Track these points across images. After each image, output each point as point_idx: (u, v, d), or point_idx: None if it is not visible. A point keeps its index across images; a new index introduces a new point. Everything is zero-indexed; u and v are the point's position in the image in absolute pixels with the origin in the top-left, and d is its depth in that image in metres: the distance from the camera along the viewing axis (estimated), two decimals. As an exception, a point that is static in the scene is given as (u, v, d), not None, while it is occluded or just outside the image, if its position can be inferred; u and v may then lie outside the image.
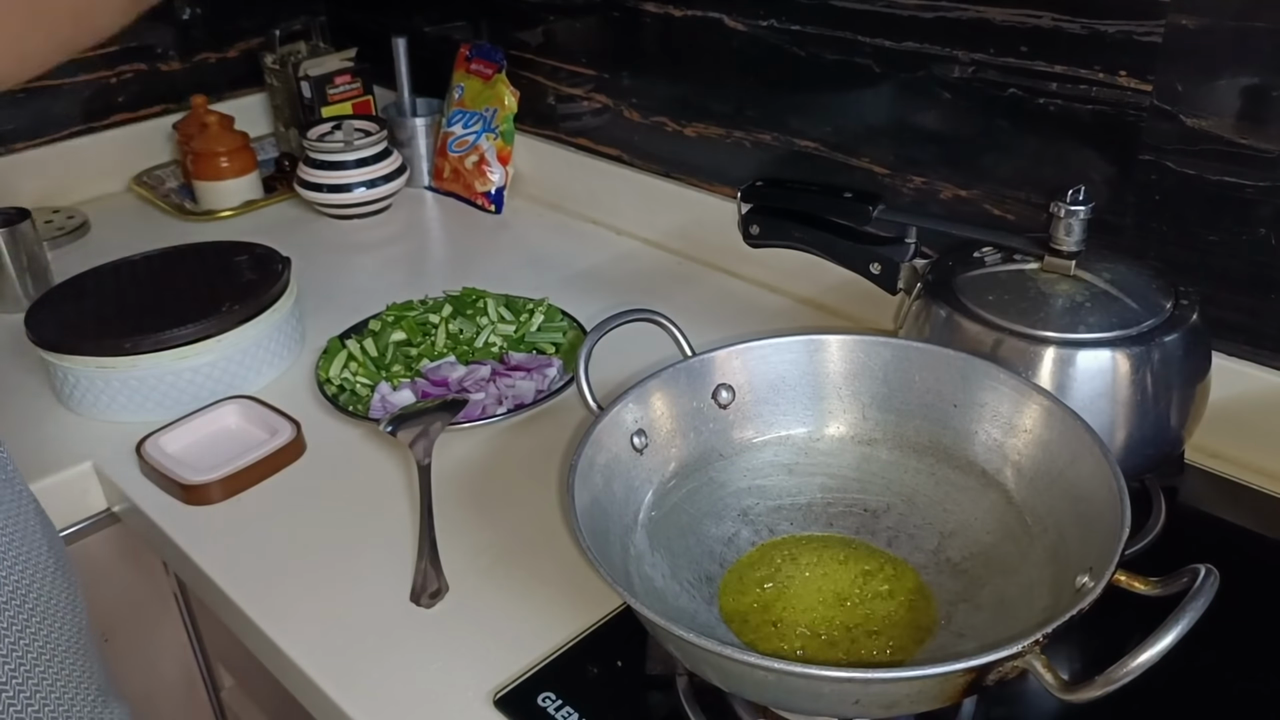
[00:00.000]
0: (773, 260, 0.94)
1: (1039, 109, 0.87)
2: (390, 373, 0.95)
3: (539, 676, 0.65)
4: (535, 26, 1.29)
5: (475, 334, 1.00)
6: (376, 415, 0.89)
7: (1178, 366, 0.72)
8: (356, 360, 0.97)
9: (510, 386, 0.93)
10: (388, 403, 0.91)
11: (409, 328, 1.00)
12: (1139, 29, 0.79)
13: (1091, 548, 0.57)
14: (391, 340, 0.98)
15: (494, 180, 1.32)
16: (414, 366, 0.96)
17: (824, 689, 0.52)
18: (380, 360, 0.97)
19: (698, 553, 0.68)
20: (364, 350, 0.98)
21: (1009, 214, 0.93)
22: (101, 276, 1.04)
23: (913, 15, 0.92)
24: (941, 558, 0.67)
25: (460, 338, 1.00)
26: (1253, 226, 0.78)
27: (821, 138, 1.04)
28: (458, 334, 1.00)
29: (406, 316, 1.01)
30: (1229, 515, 0.79)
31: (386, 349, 0.98)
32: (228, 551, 0.78)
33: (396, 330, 0.99)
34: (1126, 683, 0.48)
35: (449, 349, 0.98)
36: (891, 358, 0.73)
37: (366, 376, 0.95)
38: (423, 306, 1.03)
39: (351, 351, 0.98)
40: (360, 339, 0.99)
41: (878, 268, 0.84)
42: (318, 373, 0.95)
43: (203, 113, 1.36)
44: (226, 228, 1.32)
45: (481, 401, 0.91)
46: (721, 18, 1.07)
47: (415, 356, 0.97)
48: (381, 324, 1.01)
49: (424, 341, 0.99)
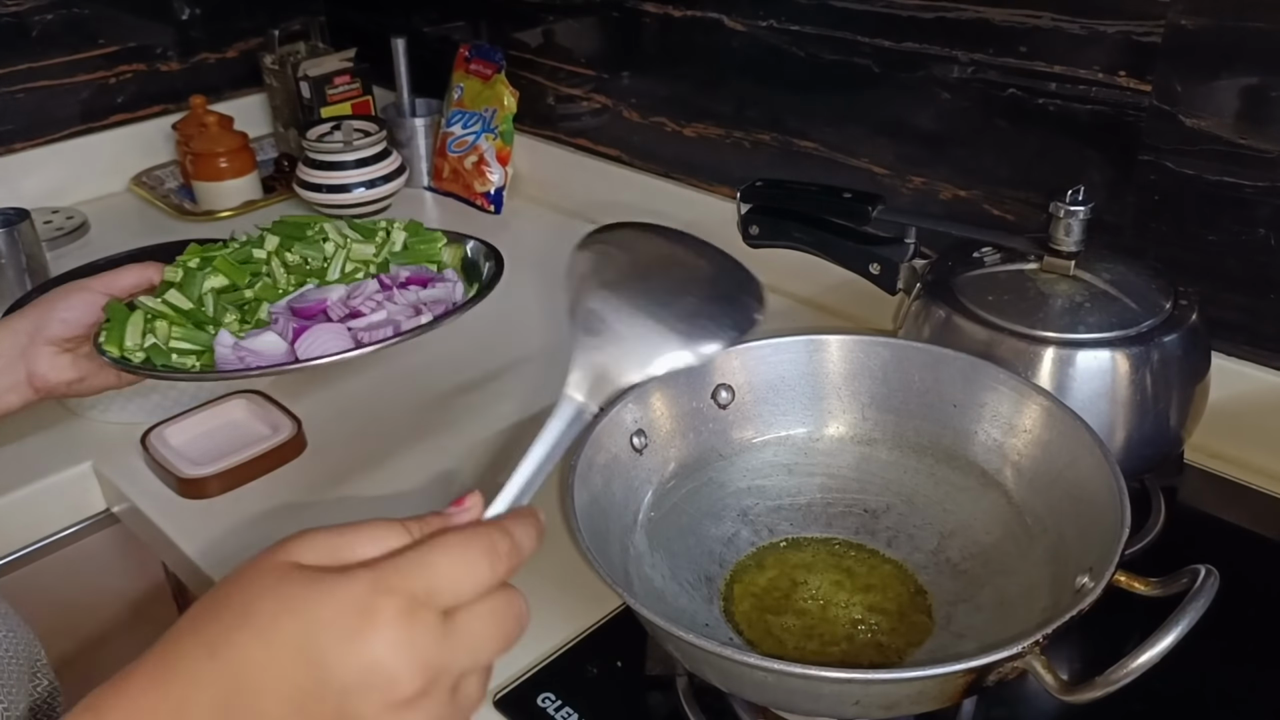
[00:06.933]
0: (773, 260, 0.93)
1: (1039, 109, 0.87)
2: (224, 324, 0.75)
3: (539, 677, 0.65)
4: (534, 26, 1.29)
5: (324, 262, 0.80)
6: (229, 367, 0.72)
7: (1177, 366, 0.72)
8: (165, 318, 0.74)
9: (419, 295, 0.77)
10: (244, 351, 0.72)
11: (226, 268, 0.78)
12: (1139, 29, 0.79)
13: (1091, 548, 0.57)
14: (208, 289, 0.77)
15: (493, 180, 1.32)
16: (255, 313, 0.76)
17: (824, 690, 0.52)
18: (199, 314, 0.75)
19: (697, 553, 0.68)
20: (170, 306, 0.75)
21: (1009, 214, 0.93)
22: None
23: (913, 15, 0.92)
24: (941, 558, 0.67)
25: (306, 269, 0.80)
26: (1252, 226, 0.78)
27: (821, 138, 1.04)
28: (301, 265, 0.80)
29: (215, 255, 0.80)
30: (1229, 515, 0.79)
31: (202, 300, 0.76)
32: (226, 549, 0.78)
33: (210, 276, 0.77)
34: (1126, 683, 0.48)
35: (296, 285, 0.78)
36: (891, 358, 0.73)
37: (186, 338, 0.74)
38: (237, 244, 0.82)
39: (150, 309, 0.75)
40: (158, 294, 0.76)
41: (877, 268, 0.84)
42: (104, 349, 0.73)
43: (202, 113, 1.36)
44: (226, 228, 1.32)
45: (390, 319, 0.74)
46: (721, 18, 1.07)
47: (252, 301, 0.77)
48: (183, 269, 0.79)
49: (257, 281, 0.78)
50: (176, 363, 0.72)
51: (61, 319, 0.73)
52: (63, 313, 0.74)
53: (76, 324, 0.74)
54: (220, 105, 1.45)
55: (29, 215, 1.15)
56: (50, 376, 0.73)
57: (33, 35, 1.34)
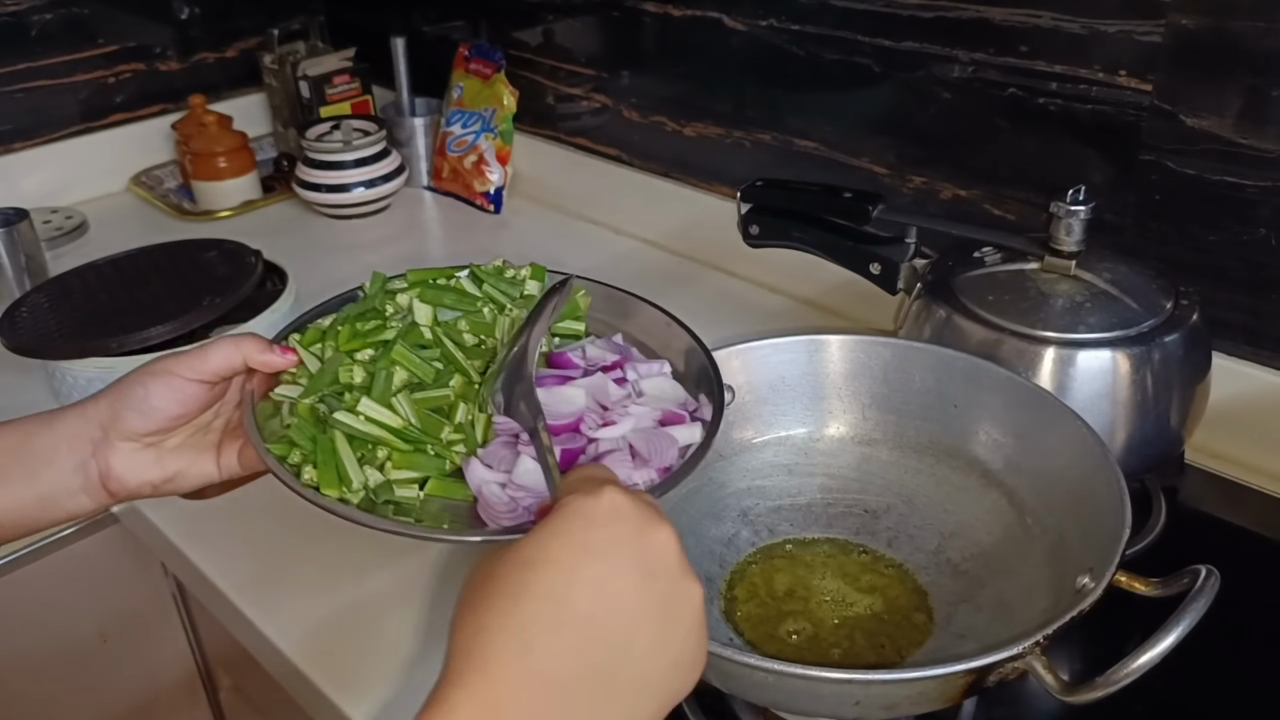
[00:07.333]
0: (773, 260, 0.93)
1: (1039, 109, 0.87)
2: (447, 443, 0.58)
3: (538, 677, 0.65)
4: (534, 26, 1.29)
5: (494, 339, 0.64)
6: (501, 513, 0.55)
7: (1178, 366, 0.72)
8: (384, 444, 0.57)
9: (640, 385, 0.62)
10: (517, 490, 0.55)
11: (407, 360, 0.59)
12: (1139, 29, 0.79)
13: (1092, 548, 0.57)
14: (399, 389, 0.59)
15: (493, 180, 1.32)
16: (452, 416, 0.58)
17: (824, 690, 0.52)
18: (410, 431, 0.57)
19: (697, 553, 0.68)
20: (375, 421, 0.57)
21: (1009, 214, 0.93)
22: (68, 280, 1.02)
23: (913, 15, 0.92)
24: (941, 558, 0.67)
25: (479, 348, 0.63)
26: (1253, 226, 0.78)
27: (821, 138, 1.04)
28: (476, 346, 0.63)
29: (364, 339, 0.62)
30: (1229, 515, 0.79)
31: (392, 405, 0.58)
32: (226, 550, 0.78)
33: (388, 369, 0.59)
34: (1127, 684, 0.48)
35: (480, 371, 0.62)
36: (891, 358, 0.73)
37: (408, 464, 0.56)
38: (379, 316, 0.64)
39: (357, 432, 0.57)
40: (347, 408, 0.57)
41: (878, 268, 0.83)
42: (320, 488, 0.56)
43: (201, 113, 1.36)
44: (225, 228, 1.32)
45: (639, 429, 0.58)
46: (721, 17, 1.07)
47: (450, 400, 0.59)
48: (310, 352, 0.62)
49: (448, 376, 0.60)
50: (400, 498, 0.56)
51: (140, 411, 0.59)
52: (142, 403, 0.59)
53: (160, 416, 0.59)
54: (219, 105, 1.45)
55: (28, 215, 1.15)
56: (129, 479, 0.60)
57: (32, 35, 1.34)
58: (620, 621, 0.40)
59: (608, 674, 0.39)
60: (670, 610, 0.41)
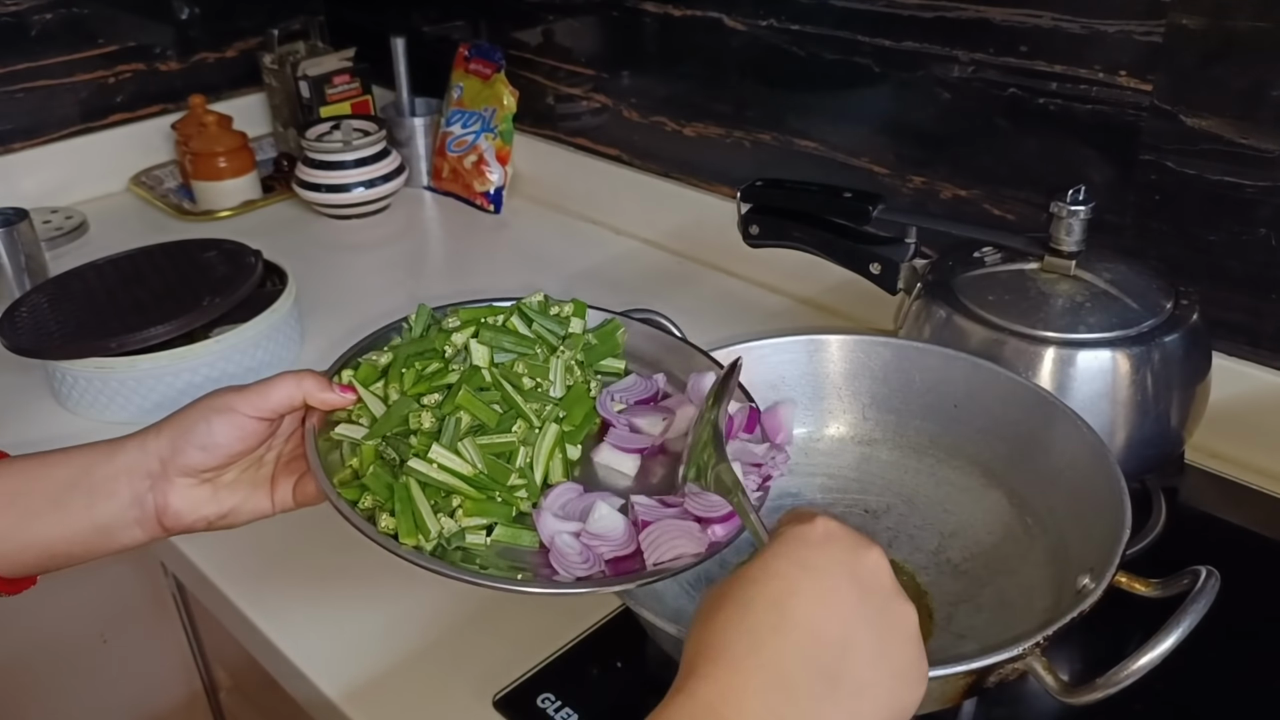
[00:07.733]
0: (773, 260, 0.93)
1: (1039, 109, 0.87)
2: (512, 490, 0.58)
3: (538, 677, 0.65)
4: (534, 26, 1.29)
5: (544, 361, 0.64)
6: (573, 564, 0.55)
7: (1178, 366, 0.72)
8: (458, 492, 0.57)
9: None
10: (593, 539, 0.56)
11: (473, 406, 0.59)
12: (1139, 29, 0.79)
13: (1092, 549, 0.57)
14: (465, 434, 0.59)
15: (493, 180, 1.32)
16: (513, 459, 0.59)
17: (824, 690, 0.52)
18: (480, 478, 0.57)
19: (697, 553, 0.68)
20: (448, 470, 0.57)
21: (1009, 214, 0.93)
22: (68, 280, 1.02)
23: (913, 15, 0.92)
24: (942, 558, 0.67)
25: (539, 392, 0.63)
26: (1253, 226, 0.78)
27: (821, 138, 1.04)
28: (535, 389, 0.63)
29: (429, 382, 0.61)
30: (1229, 515, 0.78)
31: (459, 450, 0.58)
32: (225, 551, 0.78)
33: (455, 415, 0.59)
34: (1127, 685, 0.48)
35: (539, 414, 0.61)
36: (891, 358, 0.73)
37: (478, 511, 0.57)
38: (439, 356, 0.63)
39: (427, 478, 0.57)
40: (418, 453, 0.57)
41: (878, 268, 0.83)
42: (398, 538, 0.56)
43: (201, 113, 1.36)
44: (225, 228, 1.32)
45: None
46: (721, 17, 1.07)
47: (512, 446, 0.59)
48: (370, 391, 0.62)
49: (511, 420, 0.60)
50: (470, 544, 0.56)
51: (203, 446, 0.58)
52: (205, 439, 0.58)
53: (222, 453, 0.59)
54: (219, 105, 1.45)
55: (28, 215, 1.15)
56: (186, 514, 0.59)
57: (32, 35, 1.34)
58: (839, 629, 0.43)
59: (832, 675, 0.42)
60: (886, 622, 0.44)
